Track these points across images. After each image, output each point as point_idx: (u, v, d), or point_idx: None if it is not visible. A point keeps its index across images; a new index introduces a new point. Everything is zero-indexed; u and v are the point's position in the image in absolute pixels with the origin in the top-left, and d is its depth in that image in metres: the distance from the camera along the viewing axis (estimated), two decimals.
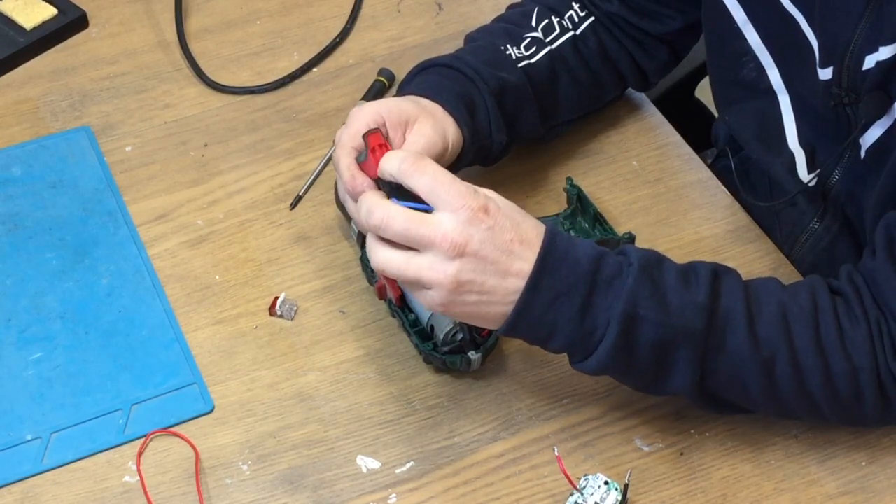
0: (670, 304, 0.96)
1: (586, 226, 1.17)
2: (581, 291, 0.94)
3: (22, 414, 1.06)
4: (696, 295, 0.96)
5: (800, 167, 1.17)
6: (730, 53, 1.18)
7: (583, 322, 0.95)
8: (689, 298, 0.96)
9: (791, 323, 0.98)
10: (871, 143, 1.07)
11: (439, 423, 1.07)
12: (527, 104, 1.18)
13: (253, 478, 1.03)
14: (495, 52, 1.18)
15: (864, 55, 1.02)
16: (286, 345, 1.12)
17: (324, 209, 1.22)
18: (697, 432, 1.06)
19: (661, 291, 0.96)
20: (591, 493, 0.99)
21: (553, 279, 0.94)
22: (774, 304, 0.98)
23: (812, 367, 0.98)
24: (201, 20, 1.40)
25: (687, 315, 0.96)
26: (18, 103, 1.31)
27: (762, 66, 1.16)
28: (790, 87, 1.15)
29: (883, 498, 1.03)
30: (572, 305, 0.95)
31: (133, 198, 1.22)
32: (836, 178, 1.15)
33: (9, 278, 1.15)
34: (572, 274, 0.95)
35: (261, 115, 1.31)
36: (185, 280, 1.16)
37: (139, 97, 1.32)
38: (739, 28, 1.15)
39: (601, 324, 0.95)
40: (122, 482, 1.03)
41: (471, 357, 1.06)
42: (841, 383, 0.98)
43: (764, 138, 1.20)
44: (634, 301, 0.95)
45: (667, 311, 0.95)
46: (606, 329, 0.95)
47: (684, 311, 0.96)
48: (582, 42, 1.22)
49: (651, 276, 0.96)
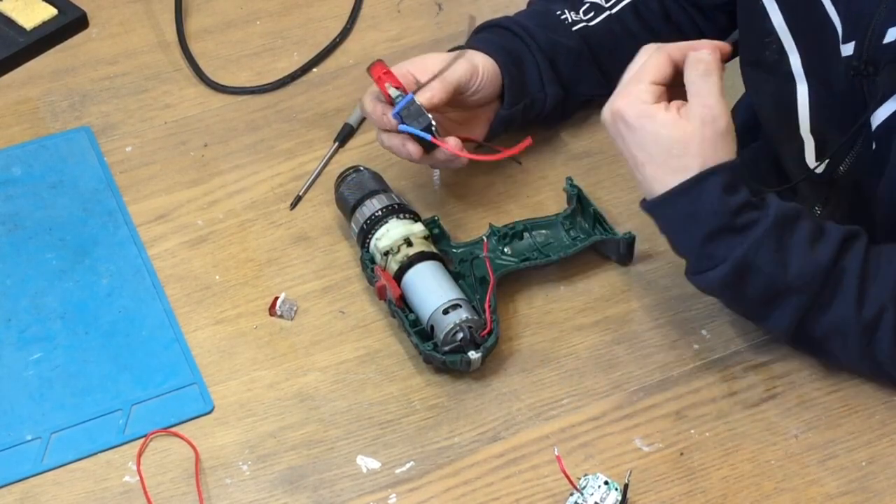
0: (790, 263, 1.01)
1: (586, 226, 1.17)
2: (713, 223, 1.01)
3: (22, 414, 1.06)
4: (821, 255, 1.02)
5: (808, 155, 1.18)
6: (755, 34, 1.20)
7: (703, 247, 1.02)
8: (811, 258, 1.01)
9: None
10: (881, 121, 1.08)
11: (439, 423, 1.07)
12: (584, 65, 1.24)
13: (253, 478, 1.03)
14: (549, 15, 1.25)
15: (887, 28, 1.04)
16: (286, 345, 1.12)
17: (324, 209, 1.22)
18: (697, 432, 1.06)
19: (786, 249, 1.01)
20: (591, 493, 0.99)
21: (689, 202, 1.01)
22: (893, 271, 1.03)
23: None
24: (201, 20, 1.41)
25: (805, 274, 1.01)
26: (18, 103, 1.31)
27: (784, 49, 1.17)
28: (810, 73, 1.16)
29: (883, 498, 1.03)
30: (700, 229, 1.02)
31: (133, 198, 1.22)
32: (845, 168, 1.16)
33: (9, 278, 1.15)
34: (714, 205, 1.01)
35: (261, 115, 1.31)
36: (185, 280, 1.16)
37: (139, 97, 1.32)
38: (765, 7, 1.17)
39: (719, 257, 1.02)
40: (122, 482, 1.03)
41: (471, 357, 1.06)
42: None
43: (779, 121, 1.22)
44: (756, 252, 1.01)
45: (784, 269, 1.01)
46: (721, 264, 1.02)
47: (803, 270, 1.01)
48: (643, 5, 1.27)
49: (782, 231, 1.01)
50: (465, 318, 1.06)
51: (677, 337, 1.12)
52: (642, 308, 1.14)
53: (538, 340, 1.12)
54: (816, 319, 1.04)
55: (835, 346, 1.05)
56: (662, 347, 1.12)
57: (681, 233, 1.05)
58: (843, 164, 1.15)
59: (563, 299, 1.15)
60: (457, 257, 1.14)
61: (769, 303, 1.04)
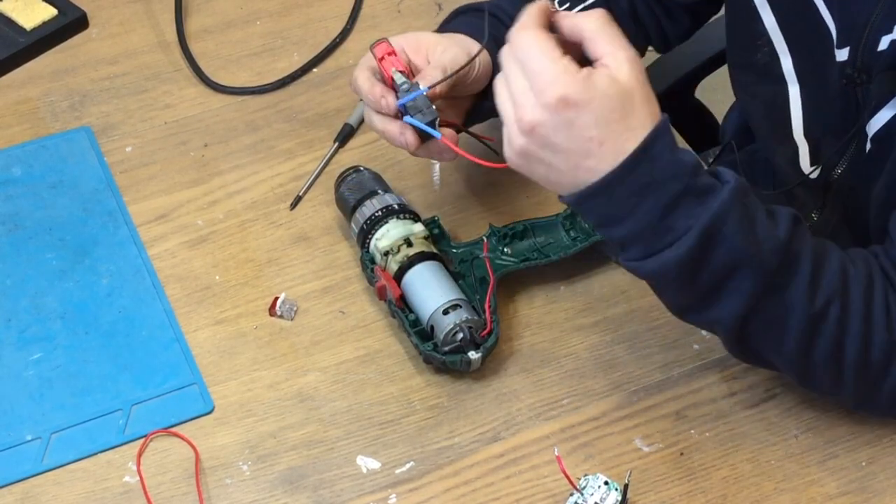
0: (757, 233, 0.92)
1: (586, 226, 1.17)
2: (673, 189, 0.90)
3: (22, 414, 1.06)
4: (779, 230, 0.93)
5: (802, 159, 1.17)
6: (746, 35, 1.18)
7: (662, 219, 0.91)
8: (773, 232, 0.93)
9: (850, 284, 0.96)
10: (878, 129, 1.07)
11: (439, 423, 1.07)
12: None
13: (253, 478, 1.03)
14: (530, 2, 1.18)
15: (881, 35, 1.02)
16: (286, 345, 1.12)
17: (324, 209, 1.22)
18: (697, 432, 1.06)
19: (751, 217, 0.92)
20: (591, 493, 0.99)
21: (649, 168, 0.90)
22: (837, 261, 0.97)
23: (856, 331, 0.96)
24: (201, 20, 1.41)
25: (766, 248, 0.92)
26: (18, 103, 1.31)
27: (776, 52, 1.16)
28: (802, 76, 1.15)
29: (883, 498, 1.03)
30: (658, 199, 0.90)
31: (133, 198, 1.22)
32: (840, 172, 1.15)
33: (9, 278, 1.15)
34: (671, 168, 0.90)
35: (261, 116, 1.31)
36: (185, 280, 1.16)
37: (139, 97, 1.32)
38: (757, 9, 1.15)
39: (681, 228, 0.91)
40: (122, 482, 1.03)
41: (471, 357, 1.06)
42: (876, 353, 0.97)
43: (771, 126, 1.20)
44: (724, 218, 0.91)
45: (751, 240, 0.92)
46: (683, 236, 0.91)
47: (766, 244, 0.92)
48: (613, 1, 1.23)
49: (744, 199, 0.92)
50: (465, 318, 1.06)
51: (677, 337, 1.12)
52: (642, 308, 1.14)
53: (538, 340, 1.12)
54: (767, 307, 0.94)
55: (774, 341, 0.97)
56: (662, 347, 1.12)
57: (637, 209, 0.91)
58: (839, 168, 1.15)
59: (563, 299, 1.15)
60: (457, 257, 1.14)
61: (722, 284, 0.93)
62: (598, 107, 0.89)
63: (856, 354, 0.97)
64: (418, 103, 1.04)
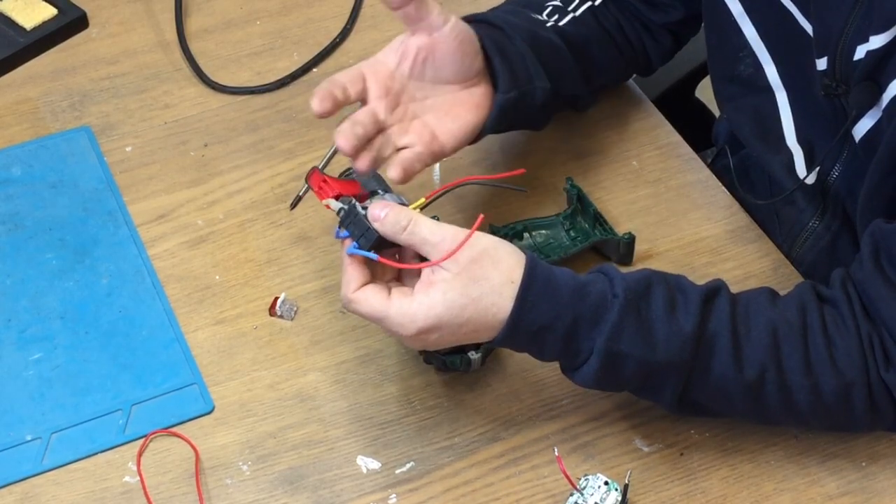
0: (656, 339, 0.95)
1: (586, 226, 1.17)
2: (565, 321, 0.95)
3: (22, 414, 1.06)
4: (683, 324, 0.96)
5: (798, 165, 1.17)
6: (728, 48, 1.18)
7: (567, 347, 0.96)
8: (675, 329, 0.95)
9: (780, 343, 0.98)
10: (862, 135, 1.07)
11: (439, 423, 1.07)
12: (564, 59, 1.16)
13: (253, 478, 1.03)
14: (523, 13, 1.17)
15: (856, 45, 1.02)
16: (286, 345, 1.12)
17: (324, 209, 1.21)
18: (697, 432, 1.06)
19: (647, 325, 0.95)
20: (591, 493, 0.99)
21: (533, 317, 0.94)
22: (763, 323, 0.98)
23: (800, 386, 0.98)
24: (201, 20, 1.40)
25: (672, 348, 0.96)
26: (18, 103, 1.31)
27: (759, 62, 1.16)
28: (788, 83, 1.15)
29: (883, 498, 1.03)
30: (555, 333, 0.95)
31: (133, 198, 1.22)
32: (836, 176, 1.15)
33: (9, 278, 1.15)
34: (553, 307, 0.94)
35: (261, 115, 1.31)
36: (185, 280, 1.16)
37: (139, 97, 1.32)
38: (736, 21, 1.15)
39: (585, 350, 0.96)
40: (122, 482, 1.03)
41: (471, 357, 1.06)
42: (830, 399, 0.98)
43: (762, 136, 1.20)
44: (618, 337, 0.95)
45: (652, 348, 0.95)
46: (589, 357, 0.96)
47: (670, 345, 0.96)
48: (602, 15, 1.22)
49: (637, 308, 0.95)
50: None
51: None
52: None
53: None
54: (698, 387, 0.98)
55: (722, 407, 1.01)
56: None
57: (543, 346, 0.96)
58: (834, 172, 1.15)
59: None
60: None
61: (645, 385, 0.99)
62: (451, 315, 0.93)
63: (808, 405, 0.99)
64: (356, 222, 0.98)
